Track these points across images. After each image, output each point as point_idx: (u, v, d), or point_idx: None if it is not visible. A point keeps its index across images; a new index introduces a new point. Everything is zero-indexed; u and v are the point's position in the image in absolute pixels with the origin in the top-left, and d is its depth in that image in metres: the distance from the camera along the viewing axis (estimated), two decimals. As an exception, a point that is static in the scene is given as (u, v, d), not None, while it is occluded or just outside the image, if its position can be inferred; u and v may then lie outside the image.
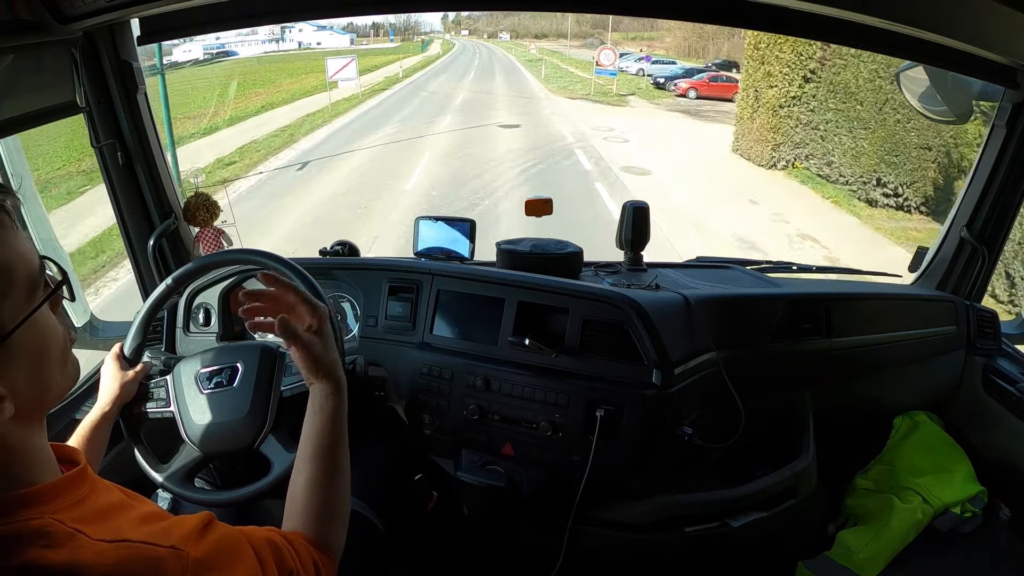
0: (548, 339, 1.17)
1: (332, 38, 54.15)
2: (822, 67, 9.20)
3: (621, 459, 1.14)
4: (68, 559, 0.47)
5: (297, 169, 10.22)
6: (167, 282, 1.10)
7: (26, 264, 0.50)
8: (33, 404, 0.51)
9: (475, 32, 77.72)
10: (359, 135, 12.83)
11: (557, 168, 10.17)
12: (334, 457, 0.75)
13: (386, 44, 58.80)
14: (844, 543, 1.36)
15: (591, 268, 1.50)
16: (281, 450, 1.00)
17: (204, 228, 1.57)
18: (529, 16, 63.87)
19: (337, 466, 0.75)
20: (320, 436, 0.76)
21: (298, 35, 50.65)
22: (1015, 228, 1.56)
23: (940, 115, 1.50)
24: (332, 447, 0.76)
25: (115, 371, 1.03)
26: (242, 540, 0.59)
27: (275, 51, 40.23)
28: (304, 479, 0.74)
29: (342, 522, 0.75)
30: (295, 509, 0.73)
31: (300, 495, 0.73)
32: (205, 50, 21.88)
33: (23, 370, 0.50)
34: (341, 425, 0.78)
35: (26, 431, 0.52)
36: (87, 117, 1.32)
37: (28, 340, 0.50)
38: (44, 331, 0.52)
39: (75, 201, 7.22)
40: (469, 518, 1.30)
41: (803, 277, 1.70)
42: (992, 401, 1.48)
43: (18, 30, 1.02)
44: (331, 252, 1.51)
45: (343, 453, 0.77)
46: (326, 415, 0.77)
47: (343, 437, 0.77)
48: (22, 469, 0.51)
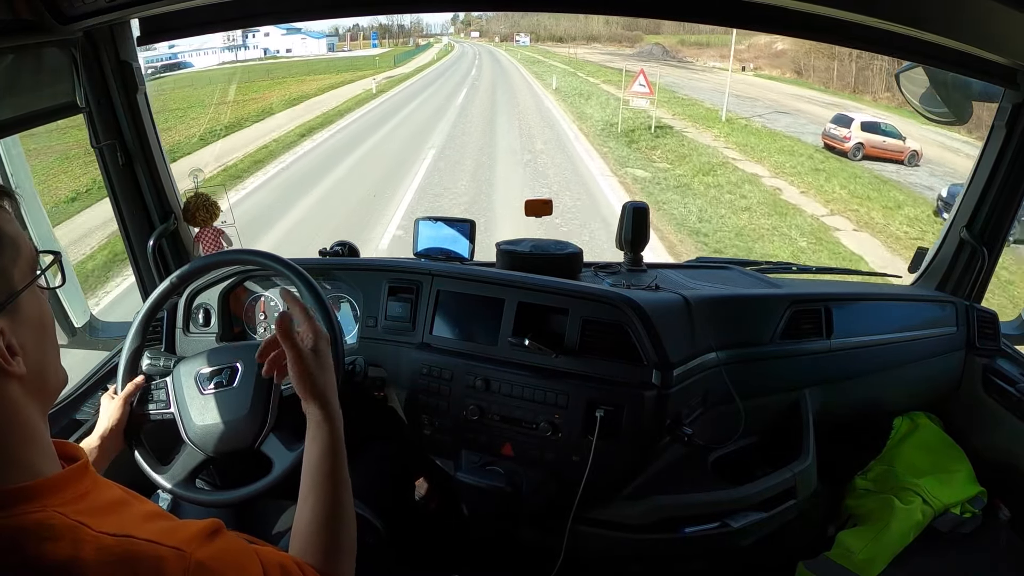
0: (548, 339, 1.17)
1: (305, 44, 46.64)
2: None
3: (621, 460, 1.14)
4: (70, 553, 0.47)
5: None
6: (171, 279, 1.10)
7: (28, 245, 0.57)
8: (38, 379, 0.55)
9: (487, 34, 68.93)
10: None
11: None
12: (334, 488, 0.74)
13: (368, 51, 50.21)
14: (844, 544, 1.36)
15: (591, 269, 1.50)
16: (282, 449, 1.00)
17: (204, 228, 1.57)
18: (549, 17, 52.98)
19: (338, 498, 0.74)
20: (317, 468, 0.75)
21: (264, 40, 43.00)
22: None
23: (940, 116, 1.50)
24: (331, 476, 0.75)
25: (106, 407, 1.03)
26: (251, 555, 0.59)
27: (233, 62, 33.44)
28: (308, 513, 0.73)
29: (349, 554, 0.74)
30: (303, 542, 0.72)
31: (306, 529, 0.72)
32: (148, 63, 12.56)
33: (30, 333, 0.55)
34: (337, 455, 0.76)
35: (35, 412, 0.54)
36: (87, 117, 1.32)
37: (31, 308, 0.56)
38: (42, 306, 0.58)
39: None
40: (469, 518, 1.30)
41: (803, 278, 1.70)
42: (992, 402, 1.48)
43: (18, 30, 1.03)
44: (331, 252, 1.51)
45: (343, 485, 0.75)
46: (319, 446, 0.76)
47: (340, 468, 0.76)
48: (29, 454, 0.52)
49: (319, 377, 0.79)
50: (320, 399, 0.78)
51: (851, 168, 12.97)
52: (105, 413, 1.02)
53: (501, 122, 16.45)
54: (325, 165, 11.39)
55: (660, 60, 40.91)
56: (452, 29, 72.17)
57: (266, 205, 9.06)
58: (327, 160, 11.86)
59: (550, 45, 57.79)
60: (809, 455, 1.29)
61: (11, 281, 0.54)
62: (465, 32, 72.58)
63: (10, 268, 0.54)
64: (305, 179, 10.48)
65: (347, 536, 0.74)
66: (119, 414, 1.01)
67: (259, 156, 12.02)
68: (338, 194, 9.61)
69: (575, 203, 9.29)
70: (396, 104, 19.66)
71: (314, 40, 48.75)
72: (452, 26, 72.49)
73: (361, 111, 17.87)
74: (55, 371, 0.59)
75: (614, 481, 1.17)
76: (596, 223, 8.34)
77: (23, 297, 0.54)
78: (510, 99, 21.85)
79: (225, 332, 1.37)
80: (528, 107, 19.89)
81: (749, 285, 1.52)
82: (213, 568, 0.53)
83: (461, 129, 15.00)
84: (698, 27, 33.18)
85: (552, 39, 59.57)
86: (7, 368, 0.51)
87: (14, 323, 0.53)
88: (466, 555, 1.41)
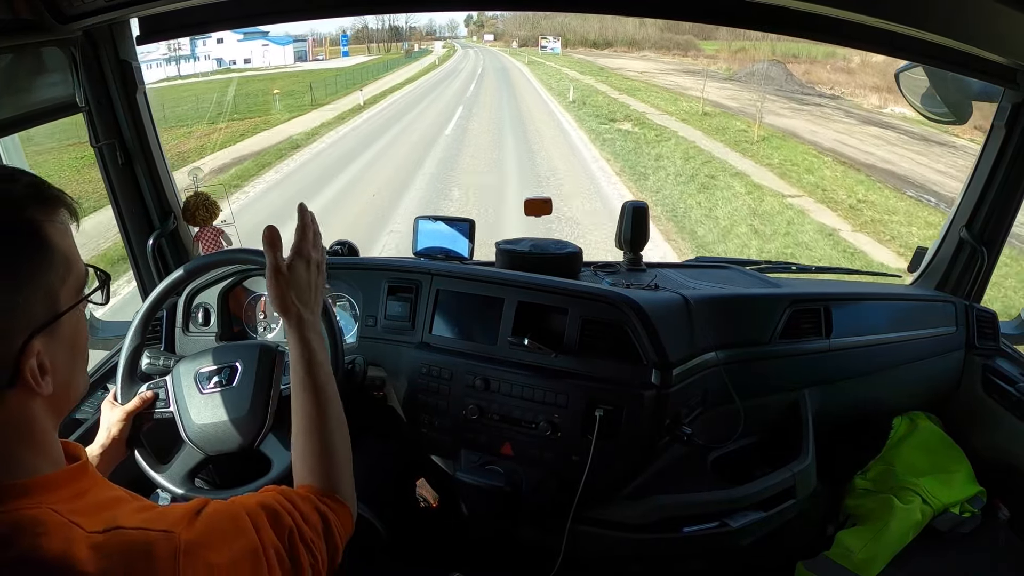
0: (547, 339, 1.17)
1: (268, 52, 36.38)
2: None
3: (620, 459, 1.14)
4: (62, 549, 0.47)
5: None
6: (178, 272, 1.11)
7: (79, 262, 0.56)
8: (62, 394, 0.55)
9: (502, 36, 57.74)
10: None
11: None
12: (314, 397, 0.75)
13: (335, 62, 37.18)
14: (843, 543, 1.36)
15: (590, 268, 1.50)
16: (281, 448, 1.00)
17: (204, 228, 1.57)
18: (579, 18, 38.46)
19: (320, 408, 0.75)
20: (296, 380, 0.76)
21: (217, 49, 34.72)
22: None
23: (940, 116, 1.50)
24: (306, 385, 0.76)
25: (107, 416, 1.03)
26: (238, 512, 0.59)
27: (174, 78, 25.23)
28: (297, 427, 0.75)
29: (343, 462, 0.75)
30: (296, 462, 0.74)
31: (297, 445, 0.74)
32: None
33: (62, 354, 0.54)
34: (312, 365, 0.76)
35: (51, 422, 0.55)
36: (86, 117, 1.32)
37: (69, 328, 0.55)
38: (79, 326, 0.57)
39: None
40: (468, 518, 1.30)
41: (802, 277, 1.70)
42: (991, 401, 1.48)
43: (18, 29, 1.03)
44: (330, 252, 1.51)
45: (321, 393, 0.76)
46: (294, 357, 0.77)
47: (315, 375, 0.76)
48: (37, 459, 0.52)
49: (306, 290, 0.79)
50: (288, 311, 0.77)
51: None
52: (106, 423, 1.01)
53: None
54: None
55: (780, 89, 23.17)
56: (464, 31, 65.16)
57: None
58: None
59: (584, 52, 42.12)
60: (808, 455, 1.29)
61: (57, 302, 0.53)
62: (478, 34, 62.17)
63: (58, 287, 0.53)
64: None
65: (338, 442, 0.75)
66: (121, 425, 1.00)
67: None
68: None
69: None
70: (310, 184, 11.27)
71: (278, 46, 38.66)
72: (465, 27, 65.51)
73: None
74: (79, 385, 0.59)
75: (613, 481, 1.17)
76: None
77: (64, 317, 0.54)
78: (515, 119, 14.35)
79: (224, 331, 1.38)
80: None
81: (748, 285, 1.52)
82: (203, 543, 0.53)
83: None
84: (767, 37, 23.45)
85: (584, 44, 44.81)
86: (35, 389, 0.51)
87: (51, 342, 0.53)
88: (465, 554, 1.41)
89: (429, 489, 1.43)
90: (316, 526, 0.65)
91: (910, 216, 9.63)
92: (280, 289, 0.77)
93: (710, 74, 26.98)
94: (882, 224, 9.30)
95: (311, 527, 0.64)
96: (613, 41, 44.58)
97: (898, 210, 9.94)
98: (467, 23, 64.76)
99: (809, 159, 13.04)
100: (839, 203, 10.26)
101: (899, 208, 10.05)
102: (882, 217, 9.59)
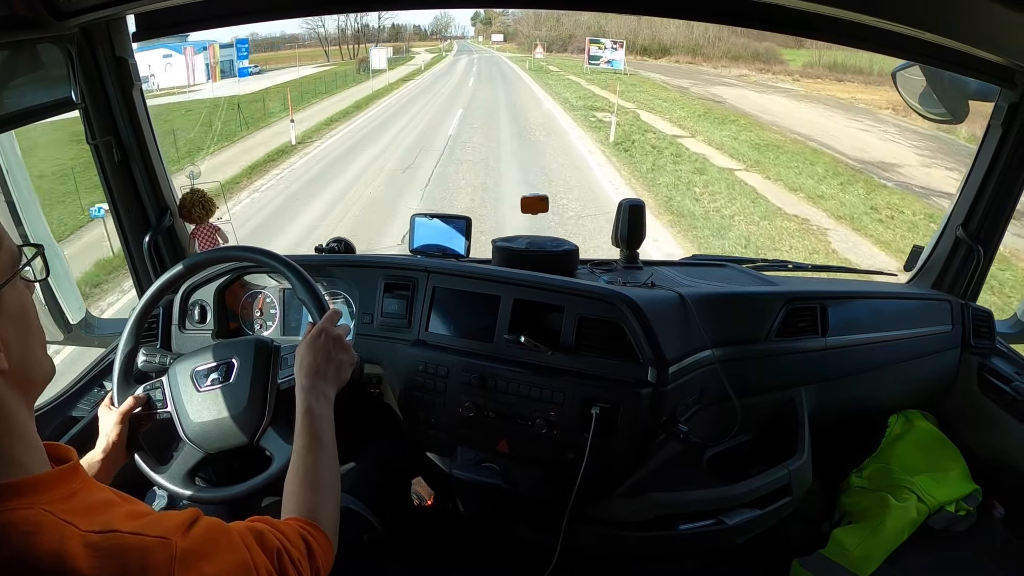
0: (544, 337, 1.17)
1: (171, 66, 24.06)
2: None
3: (617, 457, 1.14)
4: (56, 549, 0.47)
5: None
6: (177, 268, 1.10)
7: (8, 239, 0.57)
8: (21, 373, 0.55)
9: (512, 38, 45.55)
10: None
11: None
12: (313, 432, 0.84)
13: (227, 86, 23.06)
14: (839, 541, 1.37)
15: (587, 266, 1.50)
16: (281, 442, 0.99)
17: (200, 225, 1.57)
18: (607, 17, 29.44)
19: (320, 443, 0.84)
20: (302, 423, 0.85)
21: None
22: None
23: (937, 115, 1.50)
24: (311, 429, 0.85)
25: (105, 420, 1.02)
26: (228, 530, 0.61)
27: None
28: (293, 469, 0.82)
29: (330, 499, 0.80)
30: (286, 499, 0.78)
31: (289, 484, 0.80)
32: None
33: (11, 326, 0.55)
34: (319, 415, 0.86)
35: (20, 405, 0.55)
36: (83, 114, 1.32)
37: (13, 302, 0.56)
38: (24, 299, 0.58)
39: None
40: (465, 516, 1.30)
41: (799, 275, 1.70)
42: (987, 400, 1.48)
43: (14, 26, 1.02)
44: (327, 249, 1.51)
45: (323, 430, 0.85)
46: (300, 403, 0.88)
47: (320, 436, 0.85)
48: (13, 446, 0.53)
49: (315, 375, 0.89)
50: (305, 391, 0.89)
51: None
52: (104, 429, 1.00)
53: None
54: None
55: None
56: (472, 30, 55.35)
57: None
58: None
59: (639, 61, 30.00)
60: (804, 453, 1.29)
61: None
62: (485, 35, 52.07)
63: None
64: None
65: (327, 475, 0.82)
66: (119, 429, 1.00)
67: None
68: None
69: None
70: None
71: (181, 57, 25.63)
72: (472, 26, 54.77)
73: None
74: (39, 363, 0.59)
75: (610, 478, 1.17)
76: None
77: (4, 291, 0.54)
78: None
79: (221, 328, 1.37)
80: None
81: (745, 283, 1.52)
82: (198, 552, 0.54)
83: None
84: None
85: (632, 51, 32.99)
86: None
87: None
88: (462, 552, 1.41)
89: (425, 486, 1.44)
90: (301, 549, 0.68)
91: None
92: (313, 353, 0.91)
93: (881, 119, 14.71)
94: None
95: (296, 549, 0.68)
96: (671, 47, 32.11)
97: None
98: (474, 21, 57.34)
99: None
100: None
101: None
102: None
